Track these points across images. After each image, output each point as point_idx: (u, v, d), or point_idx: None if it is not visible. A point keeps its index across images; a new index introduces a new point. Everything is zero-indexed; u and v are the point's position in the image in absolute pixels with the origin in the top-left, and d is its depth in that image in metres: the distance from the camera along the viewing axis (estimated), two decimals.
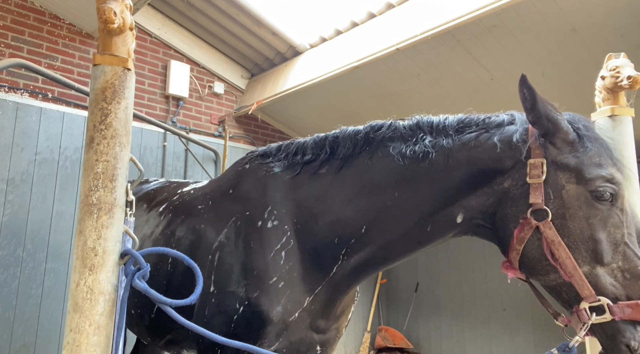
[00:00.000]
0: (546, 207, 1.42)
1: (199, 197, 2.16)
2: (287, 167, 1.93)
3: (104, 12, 1.32)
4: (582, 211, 1.40)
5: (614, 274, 1.37)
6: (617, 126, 1.96)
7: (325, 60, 5.11)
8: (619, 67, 1.98)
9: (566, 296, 1.43)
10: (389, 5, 4.62)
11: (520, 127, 1.55)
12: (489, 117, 1.65)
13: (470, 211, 1.59)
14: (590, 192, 1.41)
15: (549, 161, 1.46)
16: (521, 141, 1.51)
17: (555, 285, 1.44)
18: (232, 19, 5.46)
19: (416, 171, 1.65)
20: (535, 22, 3.72)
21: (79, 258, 1.28)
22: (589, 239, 1.38)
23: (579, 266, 1.37)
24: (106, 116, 1.33)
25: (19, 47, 4.66)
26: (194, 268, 1.42)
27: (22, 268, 4.34)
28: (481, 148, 1.57)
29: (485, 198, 1.56)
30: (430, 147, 1.64)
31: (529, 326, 5.67)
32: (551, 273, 1.43)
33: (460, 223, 1.61)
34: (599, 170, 1.42)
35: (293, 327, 1.75)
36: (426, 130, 1.69)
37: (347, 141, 1.83)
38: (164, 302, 1.35)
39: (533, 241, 1.45)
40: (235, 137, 6.24)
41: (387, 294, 7.51)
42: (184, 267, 1.94)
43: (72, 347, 1.23)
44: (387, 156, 1.72)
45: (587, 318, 1.35)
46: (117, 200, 1.33)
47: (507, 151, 1.53)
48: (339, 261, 1.76)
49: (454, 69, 4.49)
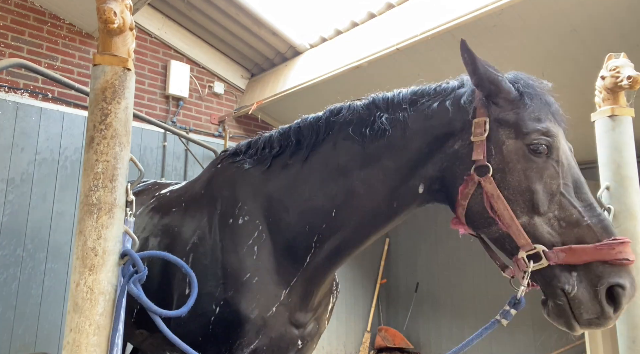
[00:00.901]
0: (487, 163, 1.48)
1: (173, 199, 2.18)
2: (257, 162, 1.96)
3: (104, 12, 1.32)
4: (519, 164, 1.47)
5: (550, 223, 1.42)
6: (617, 126, 1.96)
7: (325, 60, 5.11)
8: (619, 67, 1.98)
9: (508, 246, 1.48)
10: (389, 5, 4.62)
11: (468, 90, 1.62)
12: (439, 85, 1.71)
13: (429, 179, 1.64)
14: (527, 146, 1.47)
15: (492, 119, 1.52)
16: (468, 102, 1.58)
17: (498, 237, 1.50)
18: (232, 19, 5.46)
19: (377, 149, 1.69)
20: (535, 22, 3.72)
21: (79, 258, 1.28)
22: (526, 191, 1.44)
23: (517, 217, 1.43)
24: (106, 116, 1.33)
25: (19, 47, 4.66)
26: (191, 277, 1.44)
27: (22, 268, 4.35)
28: (434, 115, 1.63)
29: (440, 163, 1.61)
30: (387, 123, 1.69)
31: (529, 326, 5.67)
32: (492, 225, 1.49)
33: (422, 193, 1.66)
34: (536, 124, 1.48)
35: (272, 323, 1.74)
36: (382, 107, 1.74)
37: (310, 129, 1.86)
38: (154, 311, 1.36)
39: (476, 196, 1.51)
40: (235, 137, 6.24)
41: (387, 294, 7.51)
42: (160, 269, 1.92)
43: (72, 347, 1.23)
44: (348, 138, 1.75)
45: (525, 266, 1.41)
46: (117, 200, 1.33)
47: (456, 113, 1.59)
48: (311, 250, 1.77)
49: (454, 69, 4.47)
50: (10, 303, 4.23)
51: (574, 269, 1.37)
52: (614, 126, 1.96)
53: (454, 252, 6.61)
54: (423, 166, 1.64)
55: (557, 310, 1.40)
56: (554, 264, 1.38)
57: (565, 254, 1.37)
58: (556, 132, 1.49)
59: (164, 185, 2.56)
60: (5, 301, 4.20)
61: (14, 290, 4.27)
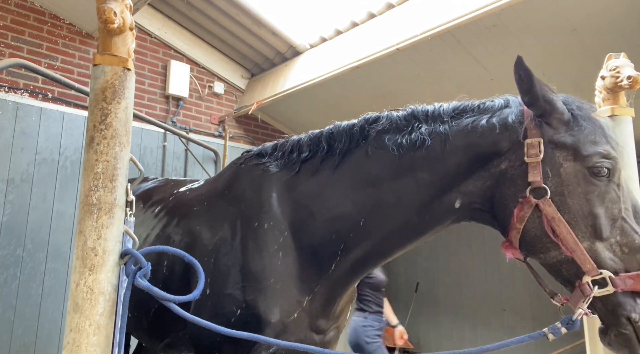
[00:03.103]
0: (545, 185, 1.44)
1: (194, 198, 2.15)
2: (283, 166, 1.92)
3: (104, 12, 1.32)
4: (580, 188, 1.42)
5: (612, 248, 1.38)
6: (617, 126, 1.96)
7: (325, 60, 5.11)
8: (619, 67, 1.98)
9: (566, 273, 1.43)
10: (389, 5, 4.62)
11: (515, 109, 1.57)
12: (483, 102, 1.67)
13: (468, 195, 1.60)
14: (588, 169, 1.43)
15: (546, 140, 1.47)
16: (517, 122, 1.53)
17: (555, 262, 1.45)
18: (232, 19, 5.46)
19: (413, 160, 1.65)
20: (535, 22, 3.72)
21: (79, 258, 1.27)
22: (587, 215, 1.40)
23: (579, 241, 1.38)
24: (106, 116, 1.33)
25: (19, 47, 4.66)
26: (195, 265, 1.42)
27: (22, 268, 4.35)
28: (478, 132, 1.58)
29: (482, 181, 1.57)
30: (427, 134, 1.64)
31: (529, 326, 5.67)
32: (552, 250, 1.44)
33: (458, 209, 1.62)
34: (595, 147, 1.44)
35: (292, 328, 1.73)
36: (421, 118, 1.70)
37: (343, 136, 1.82)
38: (168, 299, 1.35)
39: (533, 219, 1.46)
40: (235, 137, 6.24)
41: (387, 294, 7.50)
42: (182, 269, 1.94)
43: (72, 347, 1.23)
44: (383, 147, 1.72)
45: (589, 291, 1.35)
46: (117, 200, 1.33)
47: (503, 133, 1.54)
48: (337, 258, 1.75)
49: (454, 69, 4.48)
50: (10, 303, 4.23)
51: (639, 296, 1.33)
52: (614, 126, 1.96)
53: (454, 252, 6.61)
54: (462, 182, 1.60)
55: (622, 339, 1.34)
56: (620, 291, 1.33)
57: (634, 281, 1.33)
58: (616, 156, 1.45)
59: (180, 182, 2.54)
60: (5, 301, 4.20)
61: (14, 290, 4.27)
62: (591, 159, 1.43)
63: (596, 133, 1.47)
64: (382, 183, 1.69)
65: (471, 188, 1.59)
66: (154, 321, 2.08)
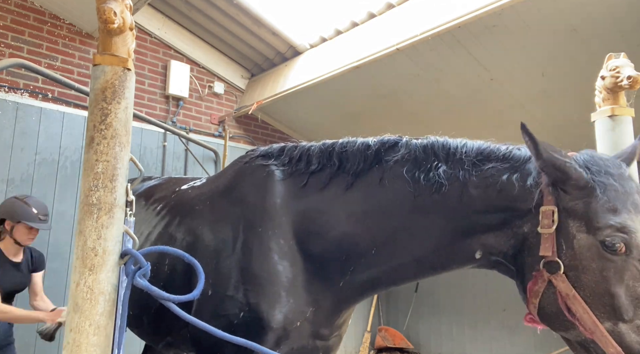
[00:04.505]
0: (558, 259, 1.32)
1: (196, 197, 2.12)
2: (290, 174, 1.87)
3: (104, 12, 1.32)
4: (595, 263, 1.29)
5: (639, 331, 1.25)
6: (617, 126, 1.96)
7: (325, 60, 5.11)
8: (619, 67, 1.98)
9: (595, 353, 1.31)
10: (389, 5, 4.62)
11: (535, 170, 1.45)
12: (509, 151, 1.53)
13: (489, 248, 1.51)
14: (601, 243, 1.29)
15: (561, 208, 1.35)
16: (535, 185, 1.42)
17: (581, 341, 1.34)
18: (232, 19, 5.46)
19: (429, 201, 1.57)
20: (535, 22, 3.72)
21: (79, 258, 1.27)
22: (605, 294, 1.27)
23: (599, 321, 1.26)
24: (106, 116, 1.33)
25: (19, 47, 4.66)
26: (195, 265, 1.41)
27: None
28: (498, 188, 1.47)
29: (505, 239, 1.47)
30: (445, 178, 1.54)
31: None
32: (572, 329, 1.33)
33: (479, 259, 1.54)
34: (611, 217, 1.29)
35: (294, 335, 1.73)
36: (441, 157, 1.60)
37: (357, 156, 1.75)
38: (167, 298, 1.35)
39: (548, 295, 1.36)
40: (235, 137, 6.24)
41: (387, 294, 7.51)
42: (183, 269, 1.93)
43: (72, 347, 1.23)
44: (399, 178, 1.64)
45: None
46: (117, 200, 1.33)
47: (523, 193, 1.43)
48: (346, 277, 1.72)
49: (454, 69, 4.48)
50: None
51: None
52: (614, 126, 1.96)
53: None
54: (482, 233, 1.51)
55: None
56: None
57: None
58: (636, 228, 1.28)
59: (182, 180, 2.52)
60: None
61: None
62: (603, 231, 1.29)
63: (618, 200, 1.31)
64: (397, 217, 1.62)
65: (492, 242, 1.50)
66: (154, 319, 2.08)
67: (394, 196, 1.64)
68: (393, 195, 1.64)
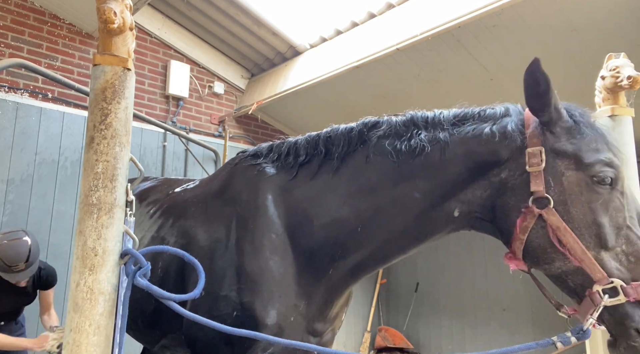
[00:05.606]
0: (547, 195, 1.41)
1: (189, 199, 2.14)
2: (280, 168, 1.90)
3: (104, 12, 1.32)
4: (583, 196, 1.40)
5: (618, 258, 1.36)
6: (617, 126, 1.96)
7: (325, 60, 5.11)
8: (619, 67, 1.98)
9: (572, 283, 1.41)
10: (389, 5, 4.62)
11: (515, 118, 1.55)
12: (484, 110, 1.64)
13: (467, 204, 1.59)
14: (591, 177, 1.41)
15: (547, 149, 1.46)
16: (517, 131, 1.52)
17: (560, 273, 1.43)
18: (232, 19, 5.46)
19: (412, 167, 1.64)
20: (535, 22, 3.72)
21: (79, 258, 1.28)
22: (592, 224, 1.38)
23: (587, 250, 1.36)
24: (106, 116, 1.33)
25: (19, 47, 4.66)
26: (195, 264, 1.42)
27: None
28: (478, 140, 1.57)
29: (482, 190, 1.56)
30: (426, 141, 1.62)
31: (529, 326, 5.67)
32: (556, 261, 1.42)
33: (457, 217, 1.60)
34: (597, 155, 1.42)
35: (289, 331, 1.73)
36: (421, 125, 1.68)
37: (341, 140, 1.80)
38: (168, 297, 1.35)
39: (537, 229, 1.44)
40: (235, 137, 6.24)
41: (387, 294, 7.51)
42: (177, 270, 1.93)
43: (72, 347, 1.23)
44: (382, 153, 1.70)
45: (600, 300, 1.32)
46: (117, 200, 1.33)
47: (503, 142, 1.53)
48: (335, 262, 1.74)
49: (454, 69, 4.48)
50: None
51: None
52: (614, 126, 1.96)
53: (454, 252, 6.61)
54: (461, 190, 1.58)
55: (632, 352, 1.31)
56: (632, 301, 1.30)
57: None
58: (619, 164, 1.43)
59: (175, 182, 2.53)
60: None
61: None
62: (593, 167, 1.41)
63: (598, 141, 1.45)
64: (381, 190, 1.67)
65: (470, 197, 1.58)
66: (149, 322, 2.07)
67: (378, 170, 1.69)
68: (377, 169, 1.70)
